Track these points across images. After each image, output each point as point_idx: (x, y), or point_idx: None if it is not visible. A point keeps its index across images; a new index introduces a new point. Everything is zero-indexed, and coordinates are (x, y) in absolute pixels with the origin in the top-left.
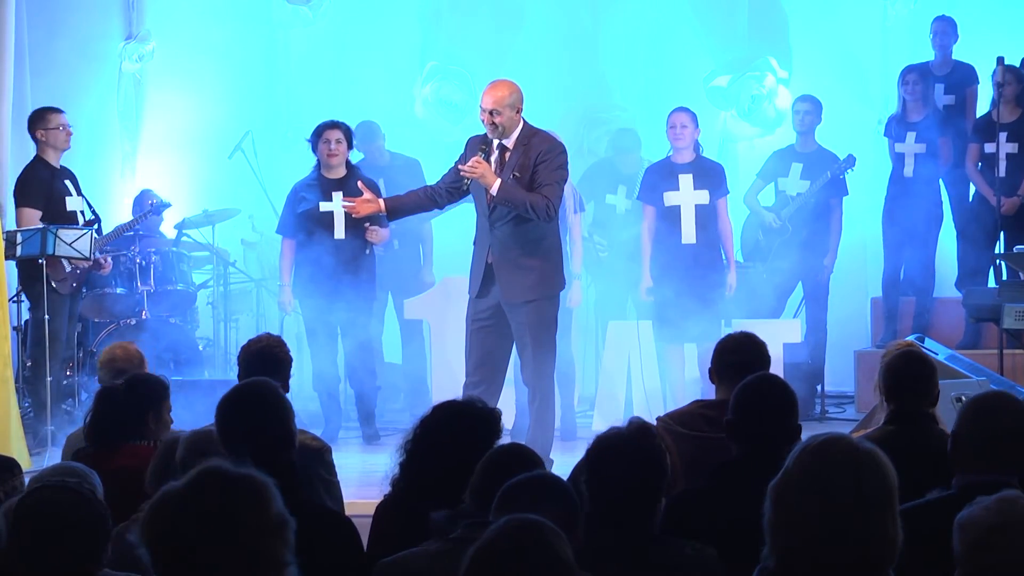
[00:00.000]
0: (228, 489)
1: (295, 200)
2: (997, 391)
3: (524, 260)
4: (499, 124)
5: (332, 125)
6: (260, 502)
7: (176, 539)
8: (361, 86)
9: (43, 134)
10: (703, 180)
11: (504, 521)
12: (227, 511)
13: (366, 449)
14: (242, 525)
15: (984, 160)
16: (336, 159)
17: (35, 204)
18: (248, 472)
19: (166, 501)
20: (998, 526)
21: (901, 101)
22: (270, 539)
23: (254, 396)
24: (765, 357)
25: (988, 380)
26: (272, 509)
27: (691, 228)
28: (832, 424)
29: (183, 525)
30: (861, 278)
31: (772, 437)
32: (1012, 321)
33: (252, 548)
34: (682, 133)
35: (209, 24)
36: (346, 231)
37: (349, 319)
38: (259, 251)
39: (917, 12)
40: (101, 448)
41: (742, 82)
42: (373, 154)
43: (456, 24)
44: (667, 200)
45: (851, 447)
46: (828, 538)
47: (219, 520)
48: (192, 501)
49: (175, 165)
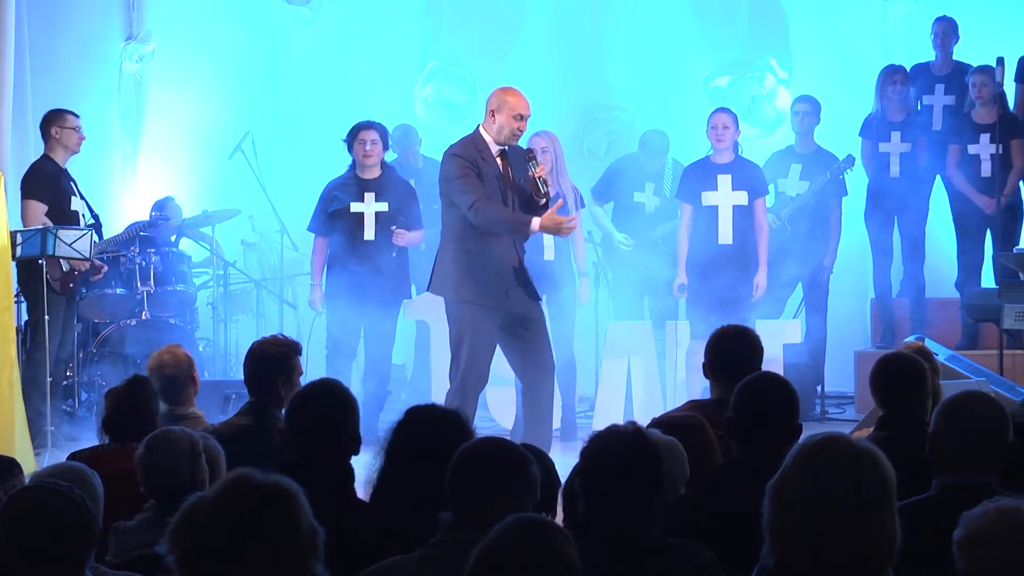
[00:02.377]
0: (257, 498)
1: (327, 199)
2: (973, 391)
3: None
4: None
5: (368, 126)
6: (289, 512)
7: (203, 549)
8: (361, 86)
9: (58, 131)
10: (742, 181)
11: (509, 521)
12: (255, 521)
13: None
14: (270, 535)
15: (966, 160)
16: (371, 159)
17: (41, 198)
18: (277, 480)
19: (195, 510)
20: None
21: (887, 101)
22: (299, 550)
23: (330, 397)
24: (757, 349)
25: (988, 380)
26: (302, 519)
27: (728, 228)
28: (832, 424)
29: (210, 534)
30: (861, 278)
31: (773, 436)
32: (1012, 321)
33: (280, 559)
34: (724, 134)
35: (209, 24)
36: (376, 233)
37: (373, 321)
38: (259, 251)
39: (917, 12)
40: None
41: (742, 83)
42: (408, 158)
43: (456, 24)
44: (705, 200)
45: (850, 446)
46: (828, 537)
47: (247, 530)
48: (220, 510)
49: (176, 165)
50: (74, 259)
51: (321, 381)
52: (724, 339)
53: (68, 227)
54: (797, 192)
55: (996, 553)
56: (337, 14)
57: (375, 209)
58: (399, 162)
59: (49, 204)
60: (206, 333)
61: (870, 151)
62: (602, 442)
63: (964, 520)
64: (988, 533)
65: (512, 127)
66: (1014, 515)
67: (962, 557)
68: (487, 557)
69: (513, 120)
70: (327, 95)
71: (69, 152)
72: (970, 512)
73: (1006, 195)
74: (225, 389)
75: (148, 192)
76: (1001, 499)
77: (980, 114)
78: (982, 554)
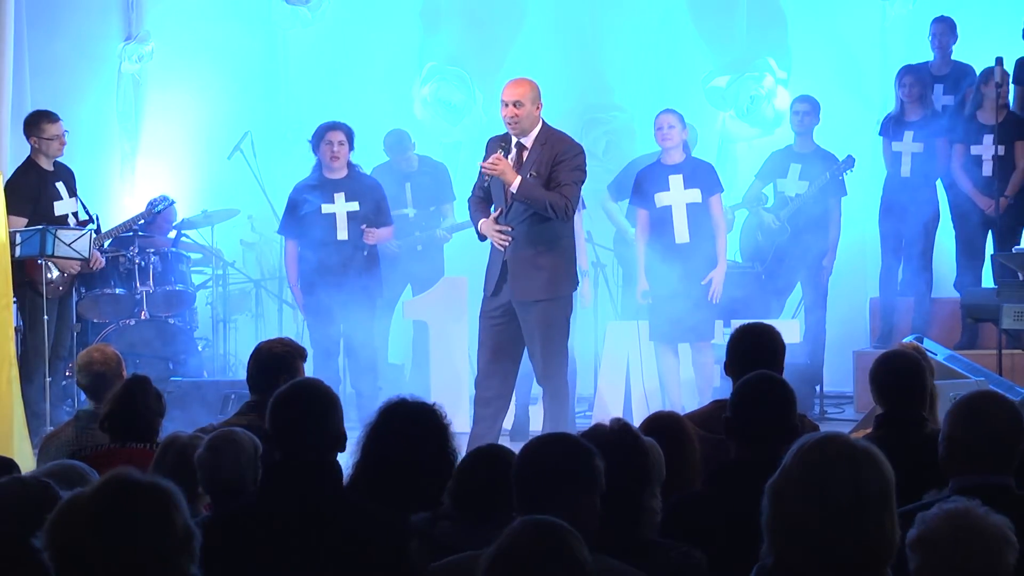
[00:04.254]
0: (131, 497)
1: (296, 201)
2: (986, 391)
3: (538, 259)
4: (520, 117)
5: (333, 127)
6: (163, 511)
7: (76, 546)
8: (361, 86)
9: (36, 142)
10: (694, 179)
11: (520, 523)
12: (128, 519)
13: None
14: (142, 534)
15: (970, 161)
16: (338, 161)
17: (21, 212)
18: (154, 480)
19: (70, 507)
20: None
21: (899, 101)
22: (172, 549)
23: (312, 395)
24: (777, 346)
25: (987, 380)
26: (177, 519)
27: (684, 227)
28: (831, 424)
29: (83, 532)
30: (860, 278)
31: (771, 436)
32: (1011, 321)
33: (151, 558)
34: (669, 134)
35: (209, 24)
36: (348, 232)
37: (352, 319)
38: (258, 251)
39: (916, 12)
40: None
41: (741, 83)
42: (400, 163)
43: (456, 24)
44: (658, 201)
45: (848, 445)
46: (828, 536)
47: (119, 528)
48: (93, 508)
49: (175, 165)
50: (71, 259)
51: (301, 380)
52: (744, 337)
53: (68, 227)
54: (796, 192)
55: (943, 556)
56: (336, 14)
57: (346, 209)
58: (391, 166)
59: (30, 216)
60: (205, 333)
61: (885, 151)
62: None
63: (918, 521)
64: (936, 536)
65: (503, 115)
66: (963, 518)
67: (912, 558)
68: (500, 560)
69: (503, 108)
70: (326, 95)
71: (52, 157)
72: (925, 513)
73: (1008, 196)
74: (224, 389)
75: (147, 192)
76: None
77: (985, 115)
78: (930, 556)
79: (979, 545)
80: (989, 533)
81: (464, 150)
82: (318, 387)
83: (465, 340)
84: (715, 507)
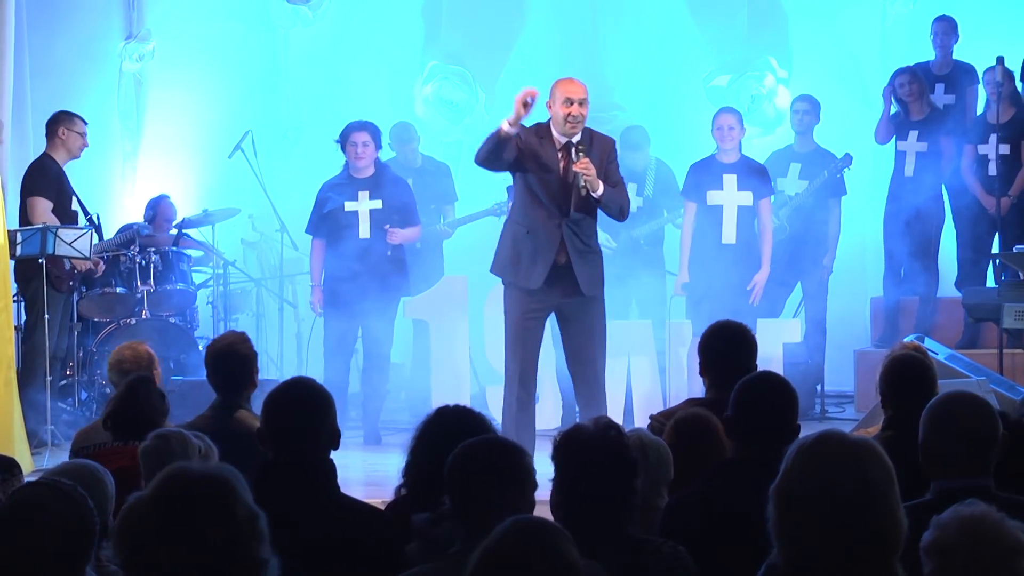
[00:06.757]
0: (188, 493)
1: (322, 200)
2: (957, 392)
3: (594, 256)
4: (584, 117)
5: (360, 127)
6: (222, 501)
7: (143, 547)
8: (361, 86)
9: (65, 132)
10: (747, 181)
11: (510, 523)
12: (190, 513)
13: (367, 449)
14: (207, 525)
15: (976, 161)
16: (363, 161)
17: (47, 195)
18: (210, 469)
19: (131, 511)
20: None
21: (902, 103)
22: (236, 534)
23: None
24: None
25: (988, 380)
26: (237, 504)
27: (732, 228)
28: (832, 424)
29: (148, 532)
30: (860, 278)
31: (772, 436)
32: (1012, 321)
33: (221, 547)
34: (730, 134)
35: (209, 24)
36: (371, 231)
37: (371, 319)
38: (259, 250)
39: (916, 12)
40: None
41: (742, 82)
42: (406, 155)
43: (456, 24)
44: (710, 199)
45: (845, 438)
46: (840, 528)
47: (182, 523)
48: (154, 507)
49: (175, 165)
50: (75, 259)
51: (294, 379)
52: (714, 337)
53: (68, 226)
54: (796, 191)
55: (959, 563)
56: (337, 13)
57: (369, 207)
58: (397, 160)
59: (54, 201)
60: (206, 332)
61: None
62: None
63: (933, 525)
64: (951, 543)
65: (563, 113)
66: (978, 524)
67: (927, 563)
68: (489, 559)
69: (564, 106)
70: (327, 94)
71: (70, 156)
72: (940, 517)
73: (1012, 195)
74: None
75: (148, 191)
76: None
77: (993, 114)
78: (946, 563)
79: (995, 553)
80: (1005, 541)
81: (465, 149)
82: (312, 386)
83: (466, 339)
84: (713, 507)
